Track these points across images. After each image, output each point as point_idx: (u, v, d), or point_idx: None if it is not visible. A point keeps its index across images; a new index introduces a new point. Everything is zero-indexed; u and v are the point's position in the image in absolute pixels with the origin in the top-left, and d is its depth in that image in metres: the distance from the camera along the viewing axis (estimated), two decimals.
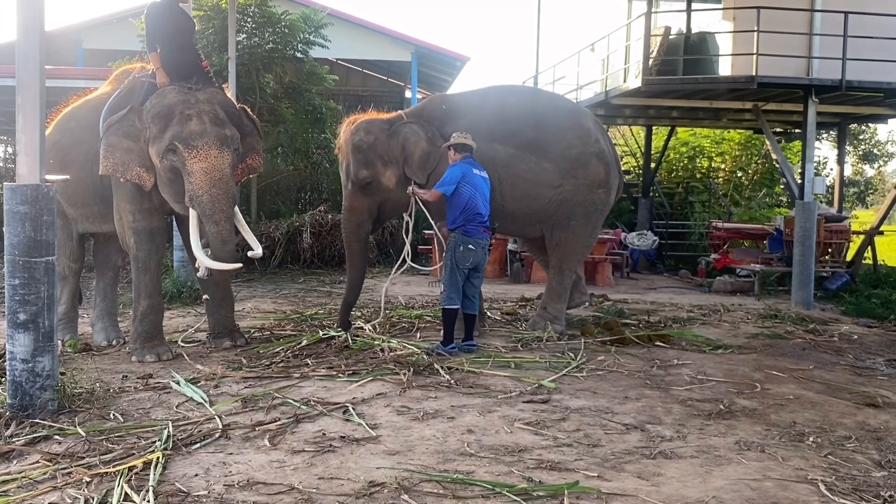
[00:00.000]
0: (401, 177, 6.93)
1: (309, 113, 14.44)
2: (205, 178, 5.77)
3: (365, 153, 6.90)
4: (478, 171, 6.50)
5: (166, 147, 5.83)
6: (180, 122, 5.84)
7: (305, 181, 15.87)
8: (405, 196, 6.92)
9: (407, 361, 5.88)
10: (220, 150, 5.86)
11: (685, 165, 17.48)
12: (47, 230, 4.44)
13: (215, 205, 5.79)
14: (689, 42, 11.88)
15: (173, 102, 5.94)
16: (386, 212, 7.27)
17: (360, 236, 7.14)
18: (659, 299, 10.42)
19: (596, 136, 7.47)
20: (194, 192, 5.79)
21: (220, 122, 5.97)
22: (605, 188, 7.43)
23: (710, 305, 9.81)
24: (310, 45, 14.21)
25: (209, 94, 6.10)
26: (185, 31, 6.38)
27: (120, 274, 7.66)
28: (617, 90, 12.23)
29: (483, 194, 6.43)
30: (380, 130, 7.01)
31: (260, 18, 13.65)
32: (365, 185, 6.90)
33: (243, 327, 7.23)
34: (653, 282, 12.73)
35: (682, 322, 8.36)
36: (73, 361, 5.99)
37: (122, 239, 6.31)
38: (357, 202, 7.03)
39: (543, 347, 6.72)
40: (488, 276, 12.43)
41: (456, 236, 6.40)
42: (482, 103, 7.37)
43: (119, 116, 6.02)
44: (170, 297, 9.02)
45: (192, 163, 5.77)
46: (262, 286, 11.03)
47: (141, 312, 6.18)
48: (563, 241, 7.36)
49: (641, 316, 8.58)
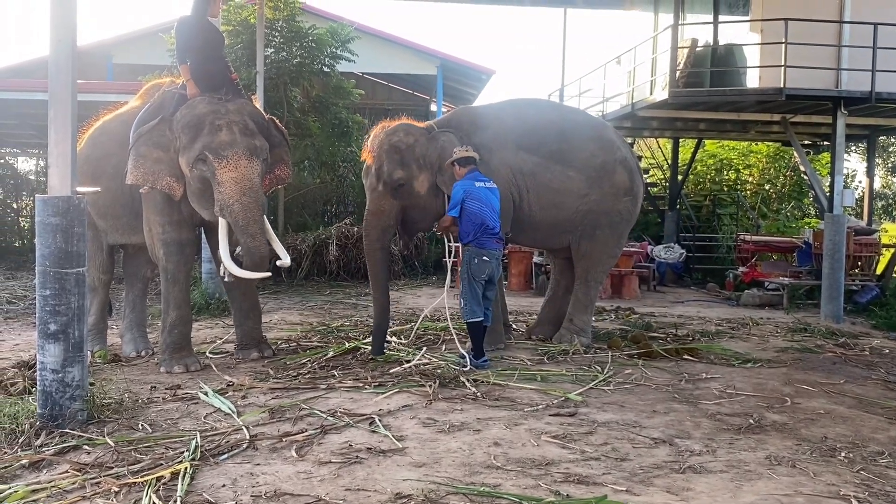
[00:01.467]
0: (432, 184, 6.83)
1: (335, 126, 14.52)
2: (235, 188, 5.80)
3: (403, 154, 6.77)
4: (482, 182, 6.43)
5: (196, 157, 5.87)
6: (210, 133, 5.89)
7: (331, 194, 15.95)
8: (432, 205, 6.88)
9: (433, 374, 5.87)
10: (250, 159, 5.90)
11: (712, 178, 17.36)
12: (78, 241, 4.48)
13: (247, 214, 5.81)
14: (716, 54, 11.81)
15: (203, 113, 5.99)
16: (411, 220, 7.03)
17: (383, 243, 6.89)
18: (686, 313, 10.33)
19: (618, 145, 7.49)
20: (224, 202, 5.82)
21: (250, 133, 6.00)
22: (630, 196, 7.41)
23: (738, 319, 9.71)
24: (336, 60, 14.30)
25: (239, 105, 6.16)
26: (215, 44, 6.44)
27: (149, 285, 7.73)
28: (643, 102, 12.18)
29: (491, 205, 6.36)
30: (420, 134, 6.93)
31: (288, 33, 13.76)
32: (397, 188, 6.75)
33: (270, 339, 7.25)
34: (680, 295, 12.63)
35: (711, 336, 8.28)
36: (103, 372, 6.04)
37: (151, 250, 6.37)
38: (385, 205, 6.79)
39: (570, 360, 6.68)
40: (513, 289, 12.45)
41: (470, 249, 6.39)
42: (506, 114, 7.36)
43: (149, 127, 6.09)
44: (198, 309, 9.09)
45: (222, 172, 5.80)
46: (289, 298, 11.07)
47: (170, 324, 6.22)
48: (589, 252, 7.32)
49: (669, 329, 8.51)
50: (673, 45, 10.99)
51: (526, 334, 7.88)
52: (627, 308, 10.22)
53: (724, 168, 17.36)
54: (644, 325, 8.69)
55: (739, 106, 11.80)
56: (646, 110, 12.37)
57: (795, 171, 16.73)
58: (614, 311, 10.01)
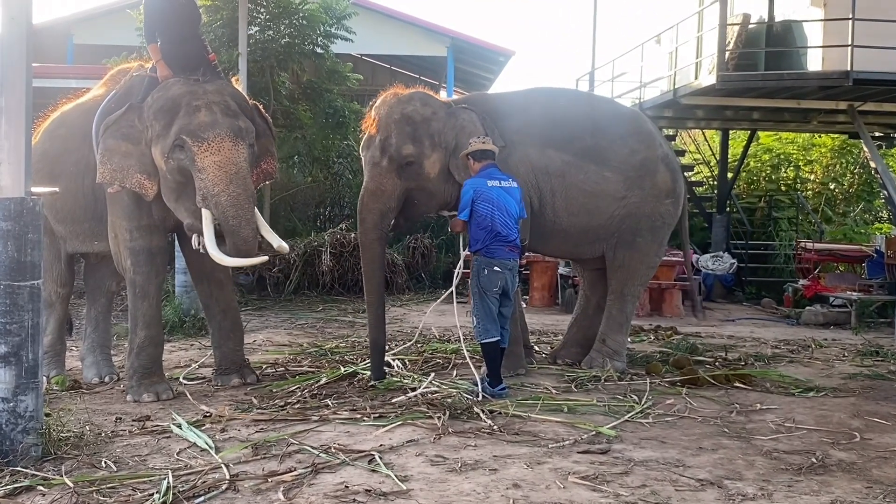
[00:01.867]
0: (444, 167, 6.80)
1: (330, 116, 14.58)
2: (219, 173, 5.78)
3: (416, 127, 6.72)
4: (497, 181, 6.38)
5: (172, 143, 5.87)
6: (187, 114, 5.88)
7: (325, 195, 16.00)
8: (440, 191, 6.85)
9: (442, 403, 5.86)
10: (235, 142, 5.88)
11: (768, 176, 17.32)
12: (33, 250, 4.50)
13: (238, 208, 5.78)
14: (771, 32, 11.81)
15: (178, 94, 6.00)
16: (414, 207, 6.96)
17: (381, 230, 6.79)
18: (738, 333, 10.30)
19: (658, 140, 7.52)
20: (208, 191, 5.78)
21: (233, 113, 6.01)
22: (672, 198, 7.42)
23: (798, 340, 9.68)
24: (331, 39, 14.35)
25: (218, 86, 6.19)
26: (189, 20, 6.48)
27: (114, 300, 7.76)
28: (687, 88, 12.19)
29: (504, 208, 6.32)
30: (438, 107, 6.91)
31: (275, 9, 13.83)
32: (404, 166, 6.69)
33: (254, 362, 7.27)
34: (730, 312, 12.59)
35: (766, 360, 8.25)
36: (60, 401, 6.05)
37: (117, 260, 6.39)
38: (388, 184, 6.70)
39: (601, 388, 6.66)
40: (535, 305, 12.45)
41: (479, 259, 6.38)
42: (531, 103, 7.38)
43: (117, 116, 6.11)
44: (171, 328, 9.12)
45: (202, 157, 5.78)
46: (276, 315, 11.10)
47: (138, 345, 6.24)
48: (626, 262, 7.32)
49: (717, 352, 8.49)
50: (721, 21, 11.00)
51: (550, 358, 7.88)
52: (669, 327, 10.20)
53: (782, 164, 17.33)
54: (688, 347, 8.67)
55: (799, 92, 11.80)
56: (690, 97, 12.38)
57: (865, 168, 16.69)
58: (653, 331, 9.99)
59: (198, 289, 6.90)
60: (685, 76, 12.91)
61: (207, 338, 7.57)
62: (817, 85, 11.04)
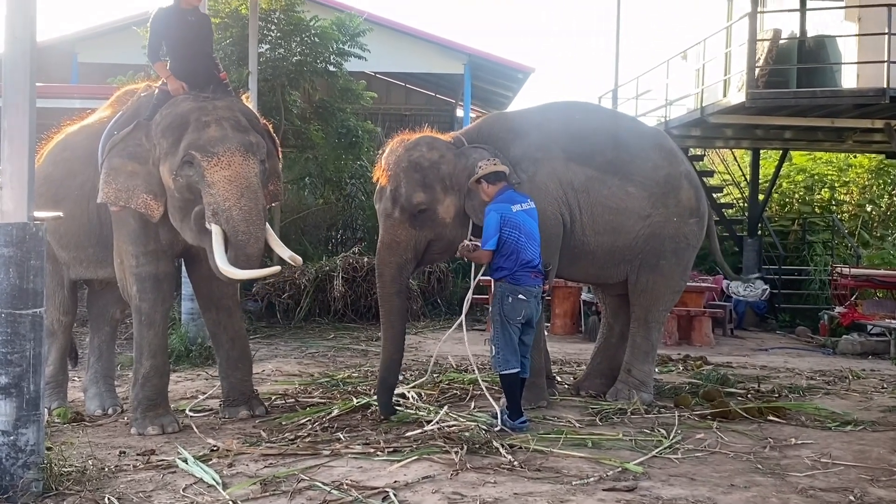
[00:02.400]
0: (459, 210, 6.81)
1: (342, 136, 14.65)
2: (230, 188, 5.81)
3: (425, 173, 6.74)
4: (517, 204, 6.38)
5: (181, 160, 5.91)
6: (197, 130, 5.93)
7: (337, 217, 16.05)
8: (458, 236, 6.84)
9: (459, 437, 5.83)
10: (246, 156, 5.93)
11: (801, 197, 17.26)
12: (35, 277, 4.52)
13: (248, 221, 5.81)
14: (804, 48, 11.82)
15: (187, 110, 6.05)
16: (432, 254, 7.03)
17: (401, 284, 6.84)
18: (771, 363, 10.23)
19: (681, 156, 7.54)
20: (218, 206, 5.81)
21: (244, 129, 6.07)
22: (697, 217, 7.42)
23: (835, 371, 9.60)
24: (344, 57, 14.45)
25: (228, 102, 6.25)
26: (199, 38, 6.54)
27: (119, 329, 7.78)
28: (715, 106, 12.19)
29: (528, 232, 6.33)
30: (446, 149, 6.90)
31: (286, 26, 13.95)
32: (417, 214, 6.72)
33: (263, 393, 7.27)
34: (763, 341, 12.52)
35: (801, 392, 8.19)
36: (62, 434, 6.07)
37: (122, 286, 6.42)
38: (402, 235, 6.74)
39: (627, 422, 6.63)
40: (557, 333, 12.41)
41: (502, 286, 6.37)
42: (548, 118, 7.39)
43: (124, 134, 6.16)
44: (177, 357, 9.13)
45: (212, 172, 5.82)
46: (286, 343, 11.10)
47: (143, 375, 6.25)
48: (650, 286, 7.30)
49: (749, 383, 8.43)
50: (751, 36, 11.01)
51: (573, 389, 7.84)
52: (698, 357, 10.14)
53: (816, 185, 17.25)
54: (719, 378, 8.61)
55: (833, 110, 11.77)
56: (718, 116, 12.37)
57: None
58: (682, 361, 9.93)
59: (205, 316, 6.92)
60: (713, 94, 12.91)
61: (214, 367, 7.57)
62: (852, 103, 11.02)
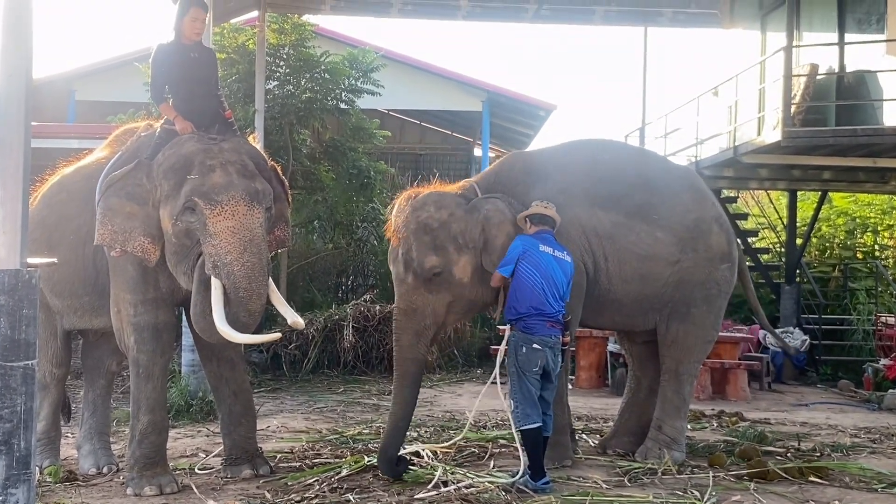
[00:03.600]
0: (477, 267, 6.74)
1: (353, 177, 14.71)
2: (233, 240, 5.83)
3: (435, 234, 6.69)
4: (551, 248, 6.41)
5: (183, 206, 5.93)
6: (201, 174, 5.95)
7: (347, 263, 16.07)
8: (480, 294, 6.80)
9: (478, 499, 5.79)
10: (250, 206, 5.95)
11: (842, 242, 17.22)
12: (27, 327, 4.52)
13: (251, 281, 5.83)
14: (842, 83, 11.85)
15: (191, 152, 6.08)
16: (454, 315, 6.97)
17: (418, 352, 6.77)
18: (812, 419, 10.14)
19: (712, 199, 7.56)
20: (220, 259, 5.83)
21: (250, 175, 6.09)
22: (729, 262, 7.42)
23: (881, 428, 9.52)
24: (357, 94, 14.56)
25: (235, 144, 6.28)
26: (204, 77, 6.58)
27: (115, 382, 7.78)
28: (749, 145, 12.20)
29: (552, 279, 6.33)
30: (455, 205, 6.85)
31: (295, 62, 14.09)
32: (431, 278, 6.69)
33: (268, 451, 7.24)
34: (803, 395, 12.41)
35: (845, 450, 8.10)
36: (54, 494, 6.06)
37: (119, 337, 6.42)
38: (419, 301, 6.69)
39: (658, 482, 6.57)
40: (582, 387, 12.34)
41: (516, 334, 6.38)
42: (571, 159, 7.43)
43: (123, 173, 6.17)
44: (176, 412, 9.11)
45: (215, 221, 5.84)
46: (292, 397, 11.08)
47: (140, 431, 6.23)
48: (681, 336, 7.27)
49: (789, 442, 8.35)
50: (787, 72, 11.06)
51: (599, 447, 7.79)
52: (734, 413, 10.06)
53: (858, 229, 17.21)
54: (756, 435, 8.54)
55: (875, 149, 11.76)
56: (752, 155, 12.38)
57: None
58: (716, 417, 9.86)
59: (206, 368, 6.90)
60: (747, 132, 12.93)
61: (216, 423, 7.56)
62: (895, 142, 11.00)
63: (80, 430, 7.23)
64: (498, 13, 14.78)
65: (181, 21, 6.47)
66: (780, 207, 17.36)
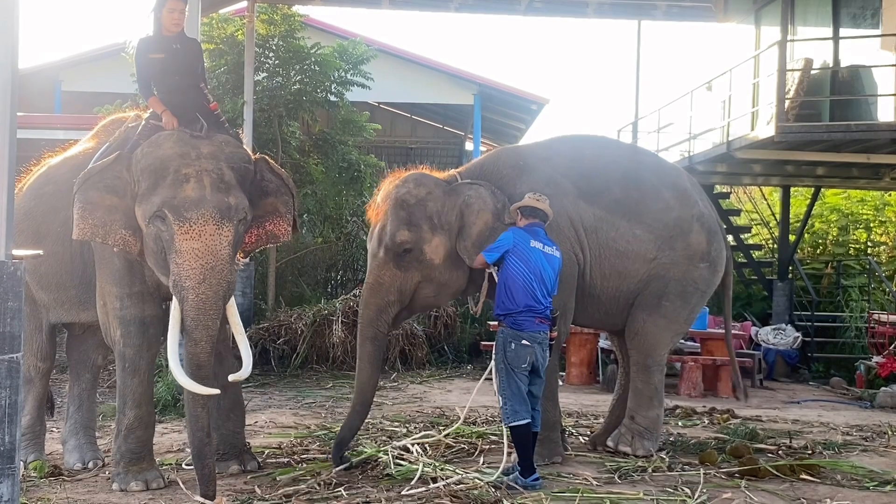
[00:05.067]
0: (450, 251, 6.85)
1: (343, 170, 14.71)
2: (195, 264, 5.78)
3: (410, 210, 6.80)
4: (542, 244, 6.44)
5: (154, 212, 5.90)
6: (174, 184, 5.88)
7: (337, 257, 16.05)
8: (452, 278, 6.90)
9: (467, 495, 5.81)
10: (219, 225, 5.85)
11: (835, 238, 17.25)
12: (13, 320, 4.52)
13: (200, 309, 5.81)
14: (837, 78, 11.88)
15: (169, 155, 5.98)
16: (423, 298, 7.04)
17: (378, 328, 6.88)
18: (804, 416, 10.17)
19: (695, 198, 7.57)
20: (179, 282, 5.82)
21: (224, 188, 5.96)
22: (707, 262, 7.46)
23: (873, 426, 9.53)
24: (346, 86, 14.55)
25: (216, 146, 6.12)
26: (186, 69, 6.47)
27: (100, 376, 7.77)
28: (743, 141, 12.22)
29: (540, 276, 6.35)
30: (434, 185, 6.98)
31: (285, 53, 14.06)
32: (401, 254, 6.78)
33: (255, 447, 7.25)
34: (795, 393, 12.43)
35: (837, 448, 8.12)
36: (39, 489, 6.06)
37: (105, 331, 6.42)
38: (386, 276, 6.81)
39: (649, 479, 6.59)
40: (573, 383, 12.35)
41: (504, 331, 6.41)
42: (556, 153, 7.49)
43: (102, 166, 6.13)
44: (163, 407, 9.10)
45: (181, 240, 5.79)
46: (280, 393, 11.07)
47: (126, 426, 6.23)
48: (648, 328, 7.32)
49: (780, 439, 8.37)
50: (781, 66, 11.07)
51: (590, 444, 7.81)
52: (725, 410, 10.07)
53: (851, 226, 17.25)
54: (747, 432, 8.56)
55: (869, 145, 11.79)
56: (746, 150, 12.39)
57: None
58: (707, 414, 9.87)
59: None
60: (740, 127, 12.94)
61: None
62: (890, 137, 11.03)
63: (65, 425, 7.20)
64: (490, 5, 14.80)
65: (160, 13, 6.40)
66: (773, 203, 17.39)
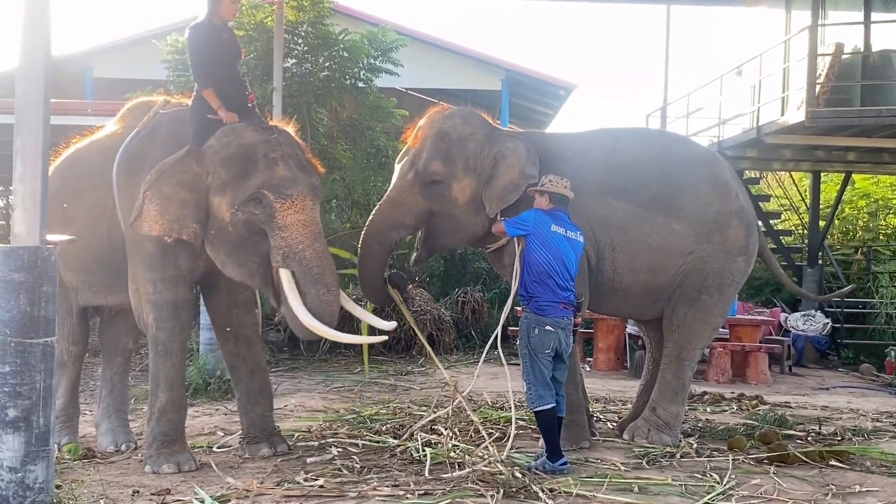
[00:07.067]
0: (475, 195, 6.92)
1: (371, 156, 14.68)
2: (304, 231, 6.01)
3: (450, 145, 6.88)
4: (564, 229, 6.43)
5: (249, 196, 6.01)
6: (267, 167, 6.06)
7: None
8: (468, 221, 6.98)
9: (495, 479, 5.82)
10: (314, 200, 6.19)
11: (865, 224, 17.12)
12: (47, 304, 4.56)
13: (322, 261, 6.02)
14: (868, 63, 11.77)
15: (254, 142, 6.15)
16: (435, 232, 7.14)
17: (385, 239, 7.07)
18: (833, 403, 10.11)
19: (736, 191, 7.48)
20: (291, 249, 5.98)
21: (307, 170, 6.29)
22: (745, 255, 7.41)
23: None
24: (375, 73, 14.52)
25: (287, 136, 6.42)
26: (232, 58, 6.55)
27: (132, 359, 7.82)
28: (773, 126, 12.14)
29: (562, 260, 6.35)
30: (480, 126, 7.06)
31: (314, 40, 14.02)
32: (429, 183, 6.86)
33: (285, 430, 7.27)
34: (824, 379, 12.39)
35: (866, 434, 8.08)
36: (72, 471, 6.12)
37: (137, 315, 6.46)
38: (408, 198, 6.94)
39: (677, 465, 6.58)
40: (601, 369, 12.34)
41: (528, 317, 6.42)
42: (593, 145, 7.45)
43: (173, 160, 6.17)
44: (194, 390, 9.17)
45: (286, 214, 5.99)
46: (309, 377, 11.12)
47: (158, 409, 6.28)
48: (688, 321, 7.27)
49: (810, 425, 8.34)
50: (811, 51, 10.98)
51: (618, 429, 7.79)
52: (754, 396, 10.04)
53: (881, 211, 17.11)
54: (776, 419, 8.53)
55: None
56: (776, 136, 12.31)
57: None
58: (736, 400, 9.84)
59: (223, 347, 6.93)
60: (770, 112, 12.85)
61: (234, 401, 7.60)
62: None
63: (97, 408, 7.27)
64: None
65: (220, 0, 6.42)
66: (802, 189, 17.27)
